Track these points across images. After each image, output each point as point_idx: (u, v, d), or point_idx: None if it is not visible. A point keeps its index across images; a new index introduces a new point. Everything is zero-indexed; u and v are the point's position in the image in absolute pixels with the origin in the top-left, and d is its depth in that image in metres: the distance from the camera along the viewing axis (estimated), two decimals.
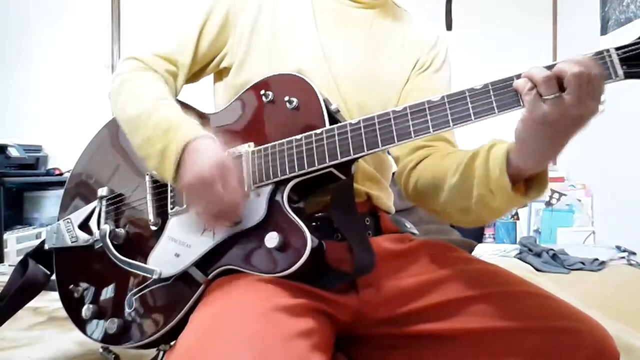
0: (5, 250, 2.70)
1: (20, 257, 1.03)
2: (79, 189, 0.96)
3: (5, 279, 1.03)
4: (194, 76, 0.93)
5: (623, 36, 2.35)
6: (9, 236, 2.79)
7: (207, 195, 0.70)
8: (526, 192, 0.70)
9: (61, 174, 3.11)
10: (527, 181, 0.70)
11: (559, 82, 0.60)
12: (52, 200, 3.11)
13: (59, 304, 0.90)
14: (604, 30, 2.57)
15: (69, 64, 3.30)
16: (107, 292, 0.86)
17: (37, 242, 1.02)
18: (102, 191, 0.89)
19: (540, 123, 0.62)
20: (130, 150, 0.87)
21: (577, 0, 2.97)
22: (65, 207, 0.96)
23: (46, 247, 0.96)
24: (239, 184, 0.73)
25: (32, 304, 1.02)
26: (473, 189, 0.72)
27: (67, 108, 3.28)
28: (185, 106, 0.85)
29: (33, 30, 3.35)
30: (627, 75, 0.60)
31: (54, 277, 0.96)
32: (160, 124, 0.76)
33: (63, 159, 3.14)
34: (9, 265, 2.60)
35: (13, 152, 2.87)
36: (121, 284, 0.83)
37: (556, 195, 2.79)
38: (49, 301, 1.82)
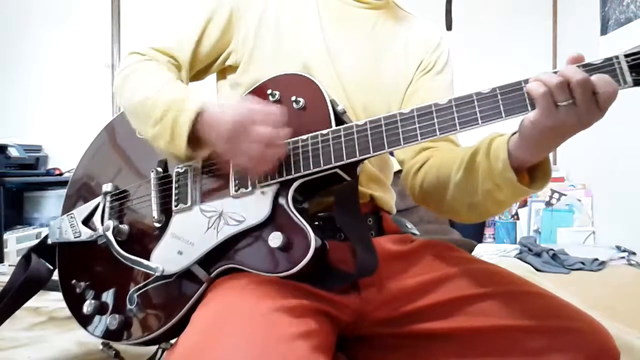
0: (5, 250, 2.69)
1: (20, 257, 1.03)
2: (81, 192, 0.96)
3: (5, 279, 1.03)
4: (198, 74, 0.93)
5: (623, 36, 2.35)
6: (9, 236, 2.78)
7: (246, 138, 0.69)
8: (530, 182, 0.70)
9: (61, 174, 3.10)
10: (530, 170, 0.71)
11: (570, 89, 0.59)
12: (52, 200, 3.10)
13: (59, 304, 0.90)
14: (604, 30, 2.57)
15: (69, 63, 3.29)
16: (109, 288, 0.86)
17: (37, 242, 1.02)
18: (107, 187, 0.89)
19: (553, 127, 0.62)
20: (134, 148, 0.87)
21: (577, 0, 2.97)
22: (67, 210, 0.96)
23: (49, 241, 0.96)
24: (270, 119, 0.70)
25: (32, 303, 1.02)
26: (478, 184, 0.72)
27: (67, 108, 3.26)
28: None
29: (33, 30, 3.34)
30: (636, 83, 0.60)
31: (56, 272, 0.96)
32: (168, 102, 0.75)
33: (63, 159, 3.13)
34: (9, 266, 2.59)
35: (13, 152, 2.87)
36: (123, 280, 0.83)
37: (556, 195, 2.78)
38: (49, 301, 1.82)
